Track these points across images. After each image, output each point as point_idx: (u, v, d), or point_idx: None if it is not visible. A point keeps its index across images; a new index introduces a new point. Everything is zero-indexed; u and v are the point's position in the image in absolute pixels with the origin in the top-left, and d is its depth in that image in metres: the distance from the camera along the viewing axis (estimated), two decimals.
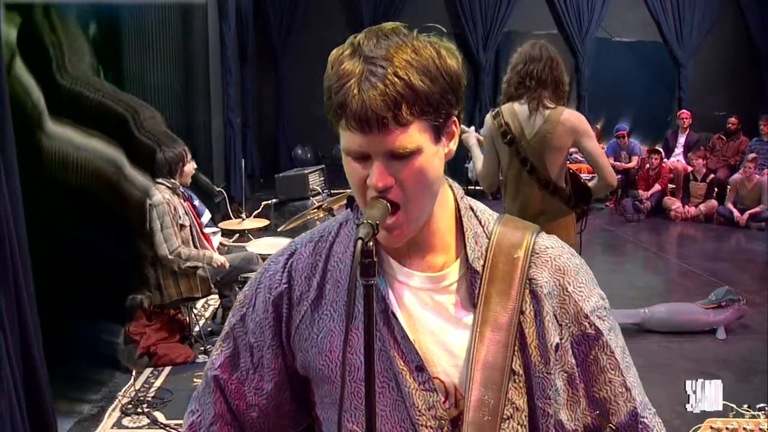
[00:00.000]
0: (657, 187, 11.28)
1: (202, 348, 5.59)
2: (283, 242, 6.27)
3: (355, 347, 1.38)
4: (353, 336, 1.39)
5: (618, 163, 11.49)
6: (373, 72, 1.24)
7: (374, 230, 1.24)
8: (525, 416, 1.39)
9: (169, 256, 5.37)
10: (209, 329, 6.07)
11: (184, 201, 5.70)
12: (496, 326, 1.38)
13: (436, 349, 1.40)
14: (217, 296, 6.03)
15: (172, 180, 5.58)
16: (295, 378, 1.52)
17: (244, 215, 8.12)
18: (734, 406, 2.31)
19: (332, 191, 9.11)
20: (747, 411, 2.08)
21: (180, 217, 5.48)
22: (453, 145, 1.38)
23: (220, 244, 7.52)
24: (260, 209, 9.51)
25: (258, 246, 6.28)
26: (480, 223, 1.46)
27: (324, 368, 1.43)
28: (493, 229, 1.45)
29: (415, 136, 1.27)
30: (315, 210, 5.62)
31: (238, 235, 8.46)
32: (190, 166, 5.74)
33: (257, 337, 1.50)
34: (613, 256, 9.02)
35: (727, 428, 2.07)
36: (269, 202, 9.26)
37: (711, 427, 2.08)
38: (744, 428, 2.08)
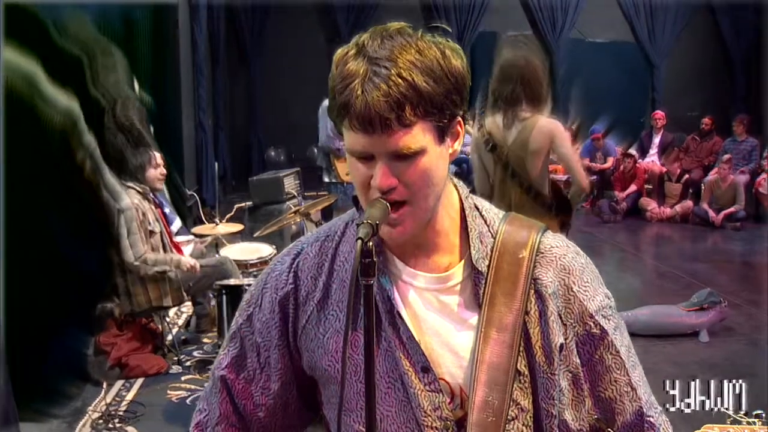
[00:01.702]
0: (633, 187, 11.26)
1: (176, 358, 5.46)
2: (258, 247, 6.19)
3: (360, 347, 1.38)
4: (357, 336, 1.40)
5: (593, 164, 11.47)
6: (377, 73, 1.25)
7: (374, 230, 1.26)
8: (530, 417, 1.41)
9: (135, 262, 5.22)
10: (183, 338, 5.92)
11: (155, 207, 5.55)
12: (501, 327, 1.39)
13: (441, 350, 1.42)
14: (190, 304, 5.89)
15: (143, 185, 5.43)
16: (302, 378, 1.54)
17: (217, 219, 7.96)
18: (731, 413, 2.28)
19: (306, 194, 8.98)
20: (743, 418, 2.04)
21: (149, 224, 5.35)
22: (458, 146, 1.39)
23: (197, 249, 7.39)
24: (234, 213, 9.34)
25: (232, 251, 6.15)
26: (485, 222, 1.47)
27: (330, 368, 1.45)
28: (499, 228, 1.46)
29: (418, 136, 1.29)
30: (292, 215, 5.50)
31: (211, 239, 8.31)
32: (158, 172, 5.57)
33: (264, 337, 1.53)
34: (591, 258, 8.92)
35: None
36: (243, 205, 9.10)
37: None
38: None
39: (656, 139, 12.09)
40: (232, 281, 5.28)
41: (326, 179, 9.35)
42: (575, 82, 13.32)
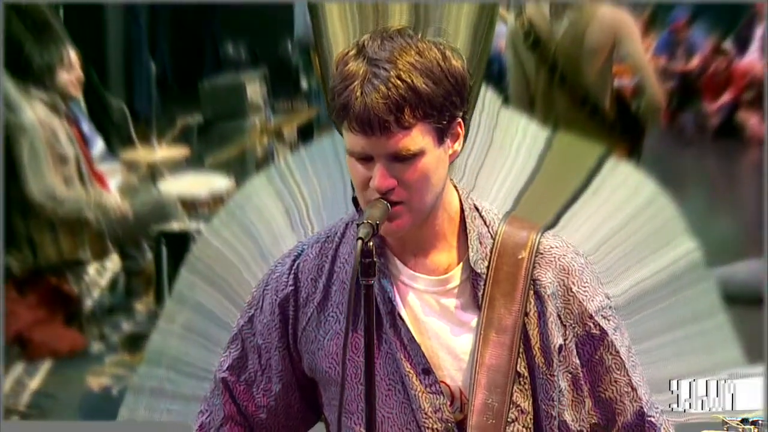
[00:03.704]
0: (727, 96, 11.18)
1: (98, 332, 5.42)
2: (210, 180, 6.15)
3: (360, 349, 1.72)
4: (357, 338, 1.77)
5: (673, 65, 11.38)
6: (377, 74, 1.64)
7: (374, 230, 1.63)
8: (530, 419, 1.81)
9: (40, 200, 5.16)
10: (107, 305, 5.87)
11: (69, 124, 5.50)
12: (500, 328, 1.80)
13: (441, 352, 1.83)
14: (116, 258, 5.86)
15: (52, 93, 5.37)
16: (303, 379, 1.97)
17: (154, 140, 7.90)
18: (725, 418, 2.52)
19: (276, 105, 8.91)
20: (740, 425, 2.34)
21: (61, 146, 5.28)
22: (458, 146, 1.80)
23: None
24: (177, 132, 9.27)
25: (175, 185, 6.10)
26: (485, 222, 1.87)
27: (330, 370, 1.87)
28: (498, 229, 1.86)
29: (418, 138, 1.68)
30: (257, 134, 5.44)
31: (146, 167, 8.28)
32: (72, 75, 5.51)
33: (265, 339, 1.96)
34: (669, 194, 8.89)
35: None
36: (190, 121, 9.03)
37: None
38: None
39: (759, 30, 11.96)
40: (175, 226, 5.25)
41: (304, 85, 9.28)
42: None
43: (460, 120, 1.75)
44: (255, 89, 8.51)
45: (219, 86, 8.66)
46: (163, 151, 6.91)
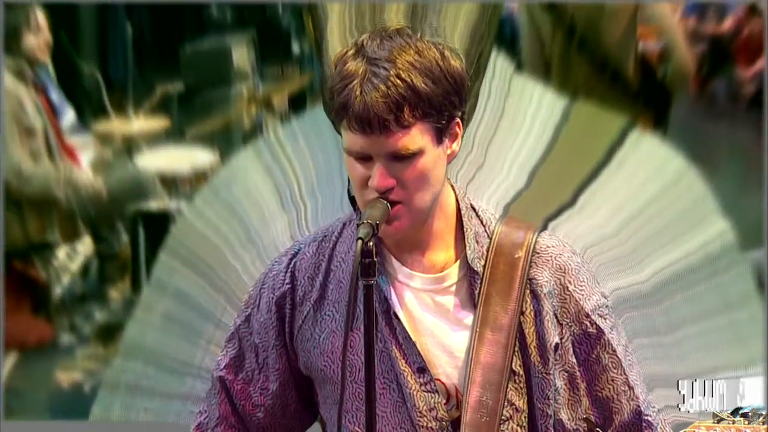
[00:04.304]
0: (762, 61, 11.16)
1: (68, 322, 5.42)
2: (193, 154, 6.13)
3: (356, 348, 1.89)
4: (354, 337, 1.90)
5: (704, 27, 11.35)
6: (376, 73, 1.77)
7: (374, 230, 1.76)
8: (524, 417, 1.96)
9: (5, 176, 5.15)
10: (79, 292, 5.88)
11: (36, 92, 5.49)
12: (496, 327, 1.93)
13: (437, 350, 1.97)
14: (89, 240, 5.86)
15: (17, 58, 5.37)
16: (300, 378, 2.11)
17: (130, 111, 7.89)
18: (716, 412, 2.56)
19: (265, 71, 8.88)
20: (729, 417, 2.35)
21: (27, 117, 5.28)
22: (456, 146, 1.93)
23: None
24: (156, 101, 9.25)
25: (154, 159, 6.09)
26: (482, 222, 2.02)
27: (326, 369, 2.01)
28: (495, 229, 2.01)
29: (417, 137, 1.81)
30: (244, 103, 5.44)
31: (121, 140, 8.27)
32: (40, 39, 5.50)
33: (262, 338, 2.11)
34: (697, 169, 8.89)
35: None
36: (170, 89, 9.02)
37: None
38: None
39: None
40: (153, 205, 5.25)
41: (296, 49, 9.26)
42: None
43: (458, 120, 1.90)
44: (242, 54, 8.49)
45: (202, 51, 8.63)
46: (140, 123, 6.90)
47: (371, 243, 1.73)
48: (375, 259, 1.74)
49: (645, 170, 3.07)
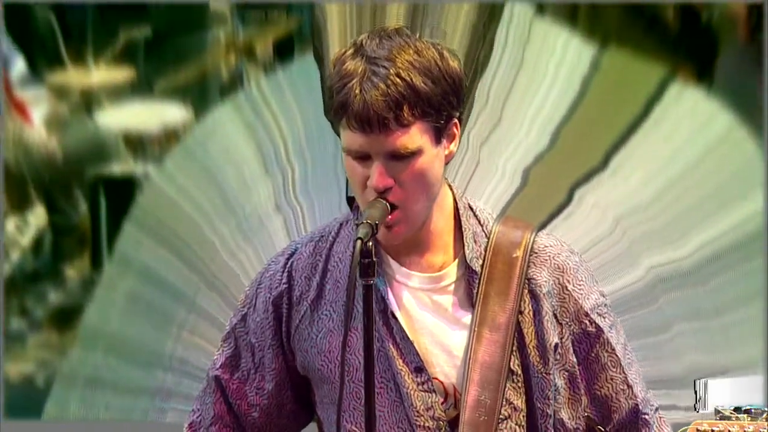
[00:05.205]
0: None
1: (18, 305, 5.40)
2: (162, 109, 6.08)
3: (354, 348, 2.03)
4: (352, 336, 2.02)
5: None
6: (376, 72, 1.92)
7: (374, 230, 1.88)
8: (523, 416, 2.13)
9: None
10: (30, 270, 5.86)
11: None
12: (494, 326, 2.10)
13: (435, 349, 2.13)
14: (42, 210, 5.86)
15: None
16: (297, 378, 2.27)
17: (90, 60, 7.86)
18: (719, 408, 2.69)
19: (245, 15, 8.85)
20: (733, 414, 2.53)
21: None
22: (454, 147, 2.10)
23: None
24: (120, 49, 9.24)
25: (118, 117, 6.07)
26: (479, 222, 2.19)
27: (323, 368, 2.17)
28: (493, 229, 2.18)
29: (416, 137, 1.96)
30: (221, 52, 5.41)
31: (80, 93, 8.23)
32: None
33: (258, 337, 2.27)
34: (746, 128, 8.89)
35: (713, 430, 2.54)
36: (135, 35, 9.00)
37: (697, 430, 2.54)
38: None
39: None
40: (116, 169, 5.23)
41: None
42: None
43: (456, 120, 2.08)
44: None
45: None
46: (101, 74, 6.85)
47: (370, 243, 1.85)
48: (374, 259, 1.86)
49: (686, 129, 3.05)
